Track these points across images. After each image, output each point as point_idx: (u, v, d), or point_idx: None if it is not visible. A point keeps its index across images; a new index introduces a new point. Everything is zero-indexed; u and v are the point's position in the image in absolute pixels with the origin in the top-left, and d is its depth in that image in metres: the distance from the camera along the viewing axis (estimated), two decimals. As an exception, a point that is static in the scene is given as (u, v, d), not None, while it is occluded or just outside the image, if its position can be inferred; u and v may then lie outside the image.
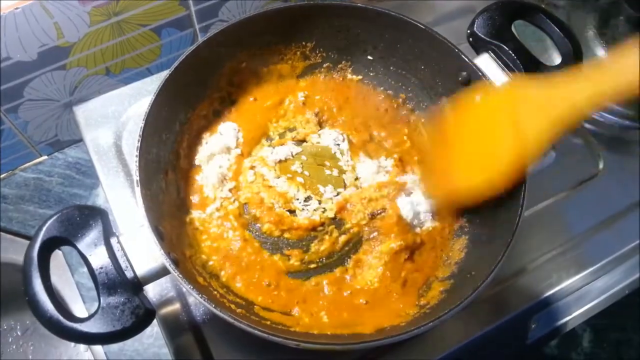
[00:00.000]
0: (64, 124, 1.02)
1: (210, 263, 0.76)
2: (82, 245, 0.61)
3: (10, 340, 1.08)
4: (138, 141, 0.67)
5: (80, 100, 0.96)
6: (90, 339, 0.57)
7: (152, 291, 0.80)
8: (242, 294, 0.74)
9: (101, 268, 0.60)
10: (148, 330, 0.84)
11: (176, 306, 0.80)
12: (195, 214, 0.79)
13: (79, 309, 0.95)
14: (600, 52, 1.08)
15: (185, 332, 0.78)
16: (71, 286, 0.97)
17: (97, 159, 0.88)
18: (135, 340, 0.85)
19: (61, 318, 0.57)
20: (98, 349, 0.88)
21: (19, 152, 1.03)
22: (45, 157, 1.06)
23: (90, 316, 0.58)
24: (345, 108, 0.91)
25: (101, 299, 0.59)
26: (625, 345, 1.33)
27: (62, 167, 1.05)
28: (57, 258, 0.98)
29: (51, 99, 0.95)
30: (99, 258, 0.61)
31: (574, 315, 0.92)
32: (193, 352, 0.76)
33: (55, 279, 0.97)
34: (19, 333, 1.09)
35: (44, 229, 0.61)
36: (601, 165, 0.99)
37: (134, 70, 1.01)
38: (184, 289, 0.61)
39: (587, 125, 1.02)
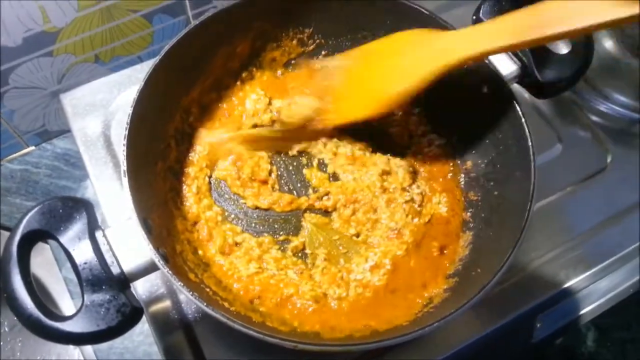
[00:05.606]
0: (51, 114, 0.99)
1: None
2: (64, 239, 0.57)
3: (-3, 336, 1.05)
4: (126, 129, 0.63)
5: (68, 89, 0.93)
6: (72, 339, 0.53)
7: (141, 287, 0.77)
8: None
9: (85, 263, 0.56)
10: (138, 327, 0.81)
11: (166, 303, 0.76)
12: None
13: (67, 305, 0.92)
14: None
15: (175, 330, 0.74)
16: (59, 282, 0.94)
17: (85, 149, 0.84)
18: (124, 338, 0.82)
19: (42, 316, 0.53)
20: (86, 346, 0.84)
21: (5, 142, 0.99)
22: (32, 148, 1.03)
23: (73, 315, 0.54)
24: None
25: (85, 296, 0.55)
26: (630, 344, 1.31)
27: (50, 158, 1.02)
28: (45, 253, 0.94)
29: (38, 87, 0.92)
30: (82, 253, 0.57)
31: (580, 314, 0.89)
32: (184, 351, 0.73)
33: (43, 273, 0.95)
34: (6, 329, 1.05)
35: (24, 221, 0.57)
36: (609, 159, 0.95)
37: (124, 58, 0.98)
38: (175, 286, 0.58)
39: (594, 118, 0.99)
